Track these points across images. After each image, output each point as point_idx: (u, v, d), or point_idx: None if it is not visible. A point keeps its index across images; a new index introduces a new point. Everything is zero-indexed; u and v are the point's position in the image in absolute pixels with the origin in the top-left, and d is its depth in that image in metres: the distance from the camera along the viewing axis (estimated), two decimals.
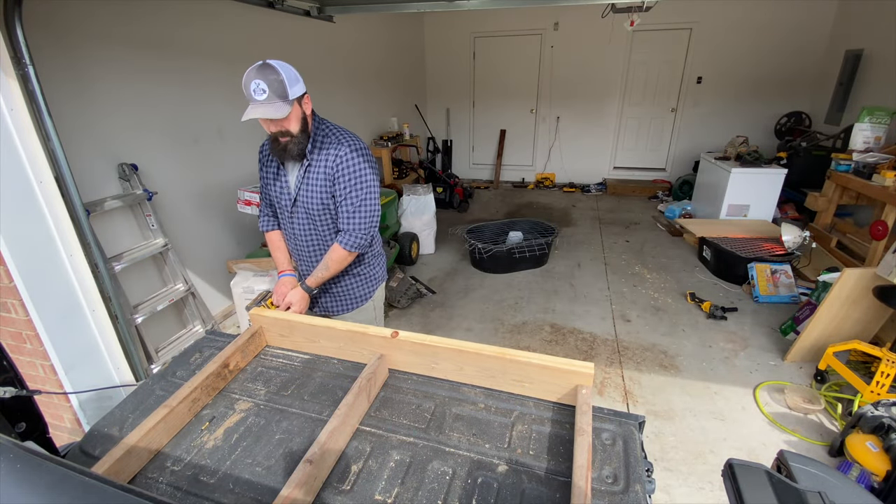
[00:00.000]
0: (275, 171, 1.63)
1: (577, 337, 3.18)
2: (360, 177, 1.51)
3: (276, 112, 1.33)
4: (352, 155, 1.49)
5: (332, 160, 1.49)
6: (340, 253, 1.56)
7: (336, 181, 1.50)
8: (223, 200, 3.31)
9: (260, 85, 1.30)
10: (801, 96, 5.77)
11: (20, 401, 0.95)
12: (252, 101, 1.32)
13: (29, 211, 1.74)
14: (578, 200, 6.53)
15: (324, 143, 1.51)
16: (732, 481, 0.78)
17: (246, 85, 1.31)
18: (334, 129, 1.55)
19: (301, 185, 1.54)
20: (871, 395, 2.22)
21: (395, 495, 0.82)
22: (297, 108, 1.41)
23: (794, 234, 3.76)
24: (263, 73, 1.31)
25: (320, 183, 1.52)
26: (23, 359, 1.92)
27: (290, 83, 1.35)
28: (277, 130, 1.40)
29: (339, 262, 1.58)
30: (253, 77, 1.30)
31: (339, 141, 1.50)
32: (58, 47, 2.20)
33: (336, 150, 1.49)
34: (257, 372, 1.18)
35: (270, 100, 1.31)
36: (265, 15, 3.50)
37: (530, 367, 1.01)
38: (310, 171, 1.53)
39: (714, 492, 1.99)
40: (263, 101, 1.31)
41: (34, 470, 0.41)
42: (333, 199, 1.55)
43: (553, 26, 6.55)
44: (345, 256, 1.57)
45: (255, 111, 1.31)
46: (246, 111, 1.33)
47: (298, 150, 1.46)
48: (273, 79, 1.31)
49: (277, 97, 1.32)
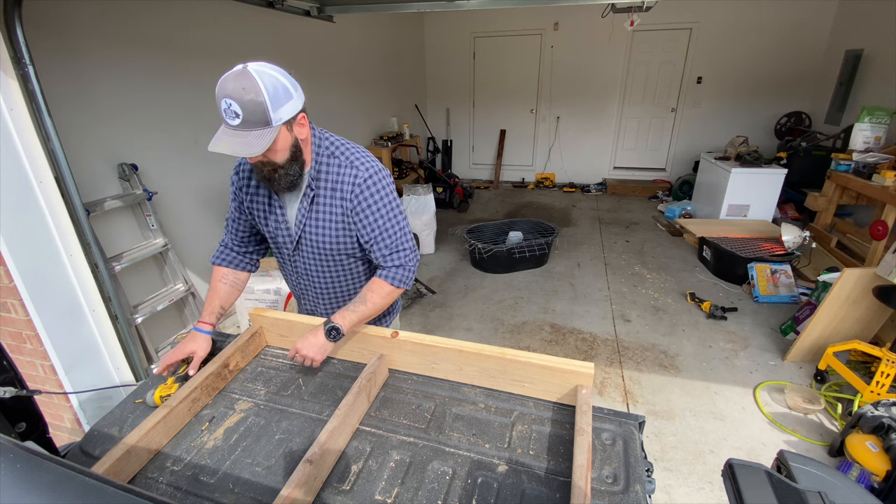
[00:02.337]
0: (265, 202, 1.25)
1: (577, 337, 3.18)
2: (388, 204, 1.22)
3: (247, 148, 0.99)
4: (373, 180, 1.18)
5: (348, 189, 1.18)
6: (387, 288, 1.23)
7: (357, 214, 1.20)
8: (223, 200, 3.31)
9: (232, 106, 0.96)
10: (801, 96, 5.77)
11: (20, 401, 0.95)
12: (224, 123, 1.00)
13: (29, 211, 1.74)
14: (578, 200, 6.53)
15: (330, 167, 1.19)
16: (732, 481, 0.78)
17: (218, 100, 0.98)
18: (342, 147, 1.22)
19: (306, 220, 1.23)
20: (871, 395, 2.22)
21: (395, 495, 0.82)
22: (286, 134, 1.06)
23: (794, 234, 3.76)
24: (238, 88, 0.96)
25: (334, 217, 1.21)
26: (23, 359, 1.92)
27: (275, 103, 0.99)
28: (258, 161, 1.08)
29: (385, 299, 1.23)
30: (227, 92, 0.97)
31: (351, 164, 1.19)
32: (58, 47, 2.20)
33: (351, 177, 1.18)
34: (257, 372, 1.18)
35: (245, 126, 0.98)
36: (265, 15, 3.50)
37: (530, 367, 1.01)
38: (317, 202, 1.20)
39: (714, 492, 1.99)
40: (235, 129, 0.98)
41: (34, 470, 0.41)
42: (352, 235, 1.24)
43: (553, 26, 6.55)
44: (391, 292, 1.24)
45: (220, 143, 0.99)
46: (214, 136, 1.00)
47: (288, 183, 1.14)
48: (250, 99, 0.96)
49: (255, 124, 0.98)
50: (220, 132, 1.00)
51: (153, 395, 1.05)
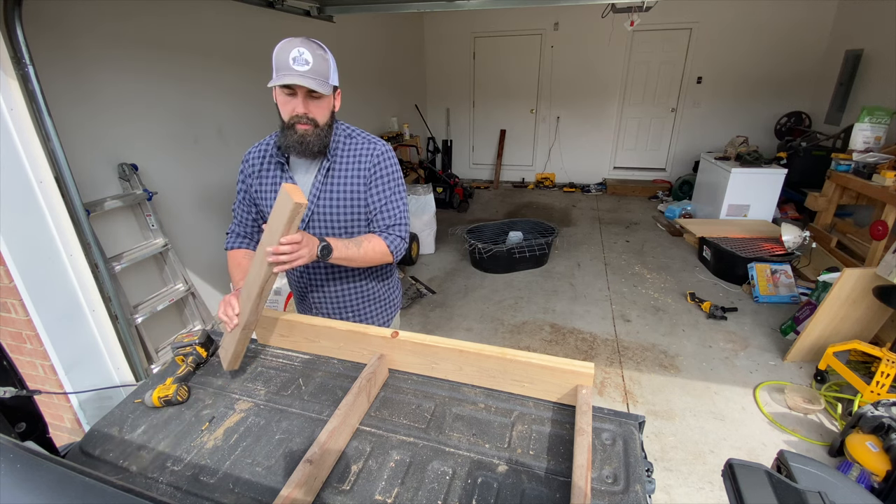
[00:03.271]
0: (276, 181, 1.32)
1: (577, 337, 3.18)
2: (397, 179, 1.32)
3: (320, 86, 1.12)
4: (389, 155, 1.31)
5: (367, 158, 1.28)
6: (382, 247, 1.28)
7: (374, 181, 1.28)
8: (223, 200, 3.31)
9: (304, 55, 1.09)
10: (801, 96, 5.77)
11: (20, 401, 0.95)
12: (288, 70, 1.10)
13: (29, 211, 1.74)
14: (578, 200, 6.53)
15: (348, 145, 1.30)
16: (732, 481, 0.78)
17: (284, 51, 1.10)
18: (357, 130, 1.35)
19: (320, 192, 1.28)
20: (871, 395, 2.22)
21: (395, 495, 0.82)
22: (331, 98, 1.21)
23: (794, 234, 3.76)
24: (309, 44, 1.11)
25: (350, 187, 1.28)
26: (23, 359, 1.92)
27: (332, 69, 1.17)
28: (302, 113, 1.16)
29: (376, 255, 1.27)
30: (297, 45, 1.10)
31: (369, 141, 1.31)
32: (58, 47, 2.19)
33: (371, 150, 1.29)
34: (257, 372, 1.18)
35: (313, 73, 1.11)
36: (265, 15, 3.50)
37: (530, 367, 1.01)
38: (332, 173, 1.28)
39: (714, 492, 1.99)
40: (303, 74, 1.10)
41: (34, 470, 0.41)
42: (365, 206, 1.30)
43: (553, 26, 6.55)
44: (384, 253, 1.29)
45: (292, 77, 1.10)
46: (277, 76, 1.11)
47: (319, 146, 1.22)
48: (319, 54, 1.12)
49: (320, 74, 1.13)
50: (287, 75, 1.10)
51: (151, 396, 1.05)
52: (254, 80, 3.55)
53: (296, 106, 1.16)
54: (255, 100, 3.60)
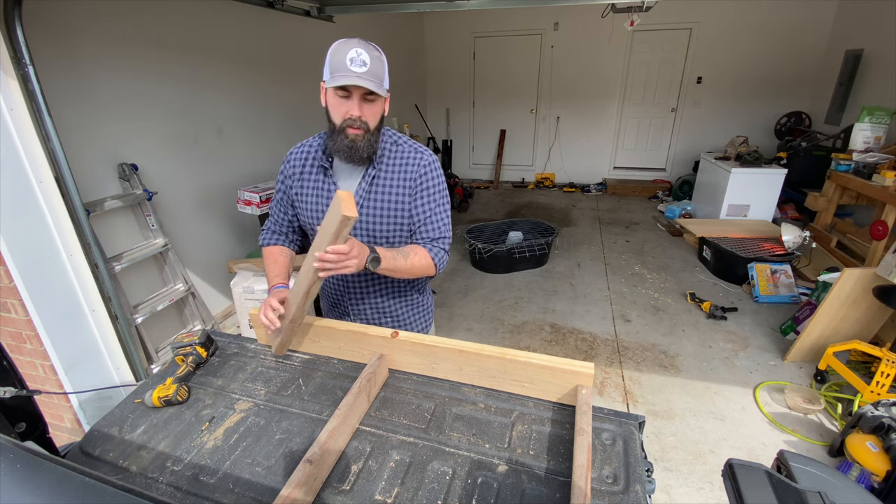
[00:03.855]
0: (317, 186, 1.28)
1: (577, 337, 3.18)
2: (442, 192, 1.29)
3: (377, 87, 1.09)
4: (436, 165, 1.27)
5: (413, 168, 1.24)
6: (427, 260, 1.25)
7: (419, 192, 1.25)
8: (223, 200, 3.31)
9: (361, 55, 1.07)
10: (801, 96, 5.77)
11: (20, 401, 0.95)
12: (346, 71, 1.07)
13: (29, 211, 1.74)
14: (578, 200, 6.53)
15: (394, 152, 1.25)
16: (732, 481, 0.78)
17: (340, 51, 1.07)
18: (403, 137, 1.30)
19: (364, 199, 1.24)
20: (871, 395, 2.22)
21: (395, 495, 0.82)
22: (384, 102, 1.18)
23: (794, 234, 3.76)
24: (366, 45, 1.09)
25: (394, 196, 1.24)
26: (23, 359, 1.92)
27: (387, 71, 1.14)
28: (356, 116, 1.12)
29: (421, 266, 1.24)
30: (354, 45, 1.07)
31: (416, 150, 1.27)
32: (58, 47, 2.20)
33: (418, 159, 1.25)
34: (257, 372, 1.18)
35: (370, 75, 1.08)
36: (265, 15, 3.50)
37: (530, 367, 1.01)
38: (377, 182, 1.24)
39: (714, 492, 1.99)
40: (360, 76, 1.07)
41: (34, 470, 0.41)
42: (408, 217, 1.27)
43: (553, 26, 6.55)
44: (429, 265, 1.26)
45: (351, 78, 1.07)
46: (333, 77, 1.08)
47: (368, 151, 1.17)
48: (376, 56, 1.09)
49: (376, 76, 1.10)
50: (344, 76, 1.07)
51: (151, 396, 1.05)
52: (254, 80, 3.55)
53: (350, 108, 1.12)
54: (255, 100, 3.60)
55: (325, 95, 1.16)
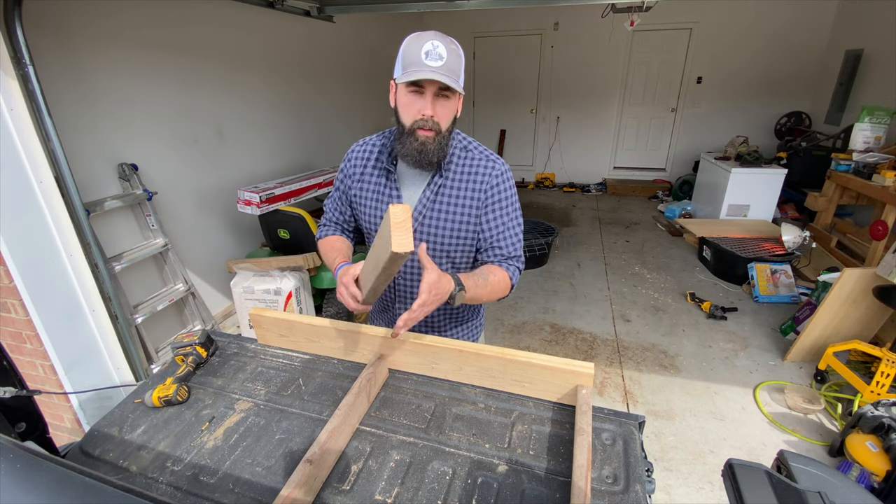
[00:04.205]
0: (378, 190, 1.19)
1: (577, 337, 3.18)
2: (515, 205, 1.19)
3: (454, 82, 1.00)
4: (508, 176, 1.17)
5: (484, 179, 1.14)
6: (507, 281, 1.15)
7: (490, 205, 1.15)
8: (223, 200, 3.31)
9: (438, 48, 0.98)
10: (801, 96, 5.77)
11: (20, 401, 0.95)
12: (420, 65, 0.99)
13: (29, 211, 1.74)
14: (578, 200, 6.53)
15: (463, 159, 1.15)
16: (732, 481, 0.78)
17: (415, 45, 0.99)
18: (475, 143, 1.20)
19: (427, 210, 1.15)
20: (871, 395, 2.22)
21: (395, 495, 0.82)
22: (458, 100, 1.08)
23: (794, 234, 3.76)
24: (443, 38, 1.00)
25: (460, 209, 1.15)
26: (23, 359, 1.92)
27: (463, 67, 1.05)
28: (429, 116, 1.03)
29: (498, 290, 1.13)
30: (430, 38, 0.99)
31: (487, 158, 1.16)
32: (58, 47, 2.20)
33: (490, 169, 1.15)
34: (257, 372, 1.18)
35: (446, 70, 0.99)
36: (265, 15, 3.50)
37: (530, 367, 1.01)
38: (443, 192, 1.15)
39: (714, 492, 1.99)
40: (435, 70, 0.98)
41: (34, 470, 0.41)
42: (473, 230, 1.17)
43: (553, 26, 6.55)
44: (506, 288, 1.16)
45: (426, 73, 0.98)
46: (406, 72, 1.00)
47: (438, 156, 1.08)
48: (453, 49, 1.00)
49: (452, 72, 1.00)
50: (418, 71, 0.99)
51: (151, 396, 1.05)
52: (254, 80, 3.55)
53: (422, 107, 1.03)
54: (256, 100, 3.60)
55: (395, 93, 1.08)
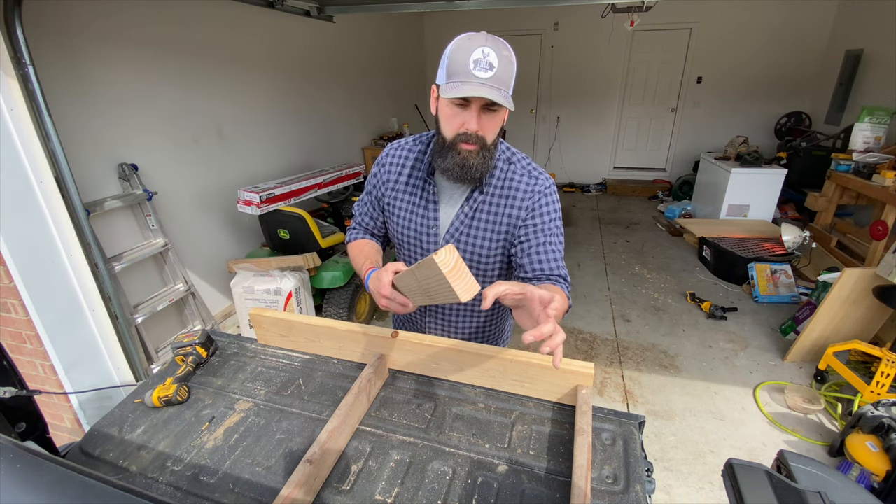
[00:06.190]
0: (413, 201, 1.13)
1: (577, 337, 3.18)
2: (557, 221, 1.09)
3: (503, 97, 0.89)
4: (551, 190, 1.08)
5: (525, 195, 1.06)
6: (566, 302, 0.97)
7: (526, 221, 1.06)
8: (223, 200, 3.31)
9: (488, 57, 0.87)
10: (801, 96, 5.77)
11: (20, 401, 0.95)
12: (468, 76, 0.88)
13: (29, 211, 1.74)
14: (578, 200, 6.53)
15: (505, 172, 1.07)
16: (732, 481, 0.78)
17: (464, 50, 0.88)
18: (518, 154, 1.11)
19: (465, 226, 1.09)
20: (871, 395, 2.22)
21: (395, 495, 0.82)
22: (506, 112, 0.98)
23: (794, 234, 3.76)
24: (495, 43, 0.89)
25: (497, 226, 1.08)
26: (23, 359, 1.92)
27: (514, 77, 0.93)
28: (473, 131, 0.94)
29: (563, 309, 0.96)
30: (480, 43, 0.88)
31: (529, 173, 1.08)
32: (58, 47, 2.20)
33: (530, 185, 1.07)
34: (257, 372, 1.18)
35: (496, 81, 0.88)
36: (265, 15, 3.50)
37: (530, 367, 1.01)
38: (482, 207, 1.07)
39: (714, 492, 1.99)
40: (483, 82, 0.87)
41: (34, 470, 0.41)
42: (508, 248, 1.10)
43: (553, 26, 6.55)
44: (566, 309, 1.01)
45: (474, 89, 0.87)
46: (452, 83, 0.89)
47: (481, 171, 1.00)
48: (505, 56, 0.89)
49: (503, 83, 0.90)
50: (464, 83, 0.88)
51: (151, 396, 1.05)
52: (254, 80, 3.55)
53: (466, 121, 0.93)
54: (256, 100, 3.60)
55: (437, 102, 0.98)
